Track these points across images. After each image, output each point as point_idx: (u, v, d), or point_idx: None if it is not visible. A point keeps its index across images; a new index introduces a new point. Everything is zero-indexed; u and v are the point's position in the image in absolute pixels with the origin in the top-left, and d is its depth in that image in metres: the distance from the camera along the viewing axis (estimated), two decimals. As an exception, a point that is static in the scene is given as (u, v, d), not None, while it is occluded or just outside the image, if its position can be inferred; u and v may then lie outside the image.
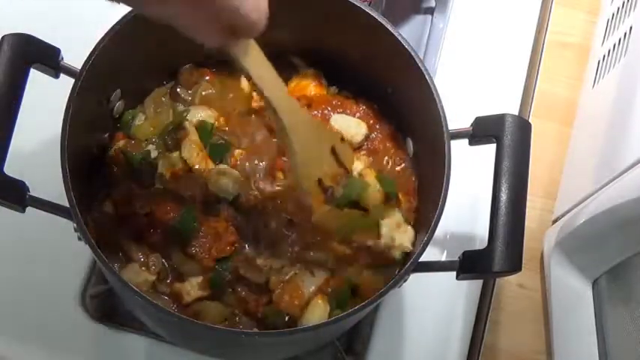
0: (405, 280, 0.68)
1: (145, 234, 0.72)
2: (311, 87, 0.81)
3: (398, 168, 0.79)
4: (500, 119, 0.70)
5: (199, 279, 0.72)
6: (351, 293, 0.73)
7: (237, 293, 0.72)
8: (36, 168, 0.70)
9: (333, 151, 0.73)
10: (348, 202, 0.73)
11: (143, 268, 0.71)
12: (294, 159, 0.68)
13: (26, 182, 0.65)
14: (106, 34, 0.68)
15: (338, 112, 0.79)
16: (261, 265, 0.72)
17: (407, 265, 0.66)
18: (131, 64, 0.73)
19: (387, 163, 0.79)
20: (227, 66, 0.78)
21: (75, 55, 0.69)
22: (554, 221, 0.94)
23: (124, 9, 0.68)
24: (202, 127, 0.76)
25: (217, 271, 0.71)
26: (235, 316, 0.72)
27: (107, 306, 0.83)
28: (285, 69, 0.78)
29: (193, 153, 0.74)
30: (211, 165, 0.75)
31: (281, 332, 0.68)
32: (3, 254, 0.83)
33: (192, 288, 0.71)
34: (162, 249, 0.72)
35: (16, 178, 0.64)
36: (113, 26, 0.69)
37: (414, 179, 0.78)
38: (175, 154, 0.74)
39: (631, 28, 0.87)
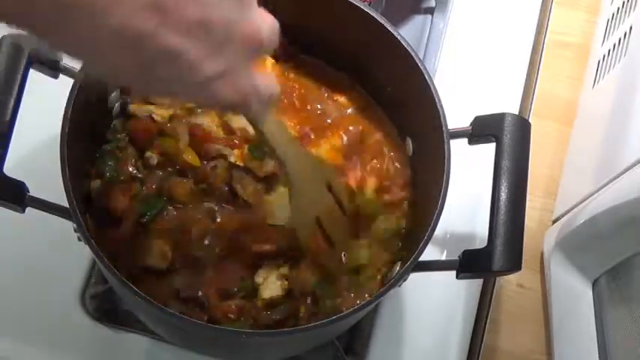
0: (405, 280, 0.68)
1: None
2: None
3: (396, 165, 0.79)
4: (499, 118, 0.70)
5: None
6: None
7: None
8: (36, 168, 0.70)
9: (330, 189, 0.70)
10: None
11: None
12: (294, 194, 0.67)
13: (26, 182, 0.65)
14: (106, 34, 0.68)
15: None
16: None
17: (407, 265, 0.66)
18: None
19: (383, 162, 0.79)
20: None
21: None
22: (554, 221, 0.94)
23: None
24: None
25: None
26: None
27: (107, 306, 0.83)
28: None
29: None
30: None
31: (281, 332, 0.68)
32: (3, 254, 0.83)
33: None
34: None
35: (16, 178, 0.64)
36: (113, 26, 0.69)
37: (408, 172, 0.78)
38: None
39: (631, 28, 0.87)
